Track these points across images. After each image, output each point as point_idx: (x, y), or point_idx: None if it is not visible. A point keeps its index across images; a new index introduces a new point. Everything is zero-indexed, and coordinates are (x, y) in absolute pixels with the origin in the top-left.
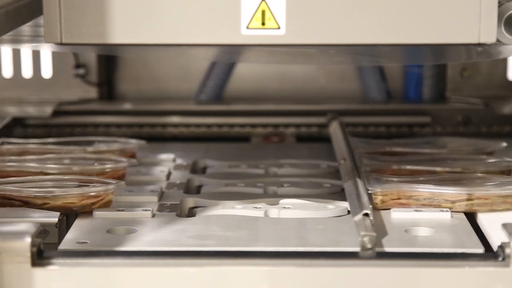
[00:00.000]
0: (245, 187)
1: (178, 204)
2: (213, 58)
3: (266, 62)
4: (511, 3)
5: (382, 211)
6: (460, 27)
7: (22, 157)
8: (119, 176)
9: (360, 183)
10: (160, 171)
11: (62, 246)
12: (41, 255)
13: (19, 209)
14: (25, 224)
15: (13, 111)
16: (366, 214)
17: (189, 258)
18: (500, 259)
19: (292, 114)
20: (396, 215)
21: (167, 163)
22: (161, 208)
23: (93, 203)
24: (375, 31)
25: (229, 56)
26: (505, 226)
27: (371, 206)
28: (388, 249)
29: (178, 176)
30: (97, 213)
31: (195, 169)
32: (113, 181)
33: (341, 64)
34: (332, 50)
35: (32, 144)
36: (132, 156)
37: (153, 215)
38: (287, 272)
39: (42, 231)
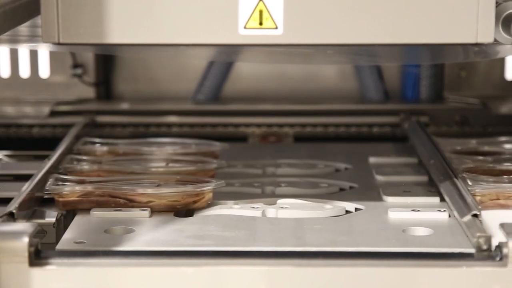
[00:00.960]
0: (243, 187)
1: None
2: (211, 58)
3: (263, 62)
4: (509, 3)
5: (378, 210)
6: (457, 27)
7: (117, 158)
8: (210, 177)
9: (459, 183)
10: None
11: (60, 246)
12: (38, 255)
13: None
14: (23, 224)
15: (10, 111)
16: (475, 215)
17: (187, 258)
18: (498, 259)
19: (290, 114)
20: (394, 215)
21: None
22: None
23: (194, 201)
24: (373, 31)
25: (226, 56)
26: (502, 226)
27: (480, 206)
28: (385, 249)
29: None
30: (95, 213)
31: None
32: (213, 180)
33: (339, 63)
34: (330, 50)
35: (109, 145)
36: (215, 157)
37: (151, 215)
38: (285, 272)
39: (40, 231)
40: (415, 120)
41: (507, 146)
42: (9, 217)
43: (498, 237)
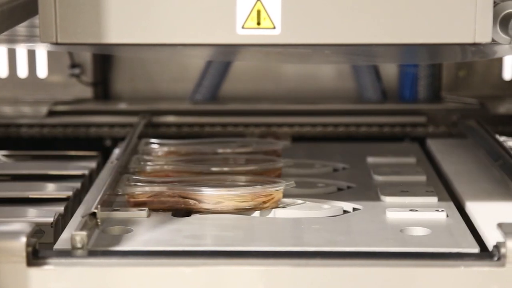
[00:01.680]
0: None
1: None
2: (209, 58)
3: (261, 61)
4: (507, 3)
5: (376, 210)
6: (455, 27)
7: (181, 158)
8: (276, 176)
9: None
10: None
11: (58, 245)
12: (36, 255)
13: (14, 209)
14: (21, 224)
15: (8, 111)
16: None
17: (185, 257)
18: (496, 258)
19: (289, 114)
20: (391, 215)
21: None
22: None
23: (264, 202)
24: (371, 31)
25: (224, 55)
26: (500, 225)
27: None
28: (383, 249)
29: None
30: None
31: None
32: (282, 180)
33: (337, 63)
34: (327, 50)
35: (170, 145)
36: (278, 155)
37: (149, 215)
38: (283, 272)
39: (38, 230)
40: (476, 119)
41: None
42: (91, 217)
43: (495, 237)
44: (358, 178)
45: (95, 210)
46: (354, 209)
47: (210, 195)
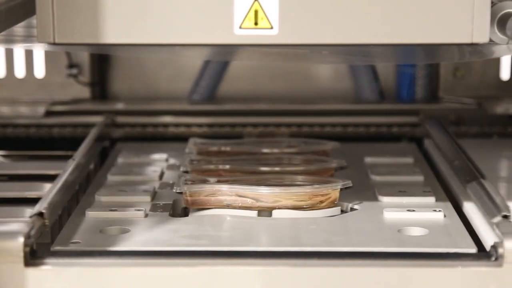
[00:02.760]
0: None
1: (171, 204)
2: (206, 58)
3: (259, 61)
4: (504, 3)
5: (374, 211)
6: (453, 27)
7: (233, 157)
8: (329, 176)
9: (487, 184)
10: (152, 171)
11: (55, 245)
12: (34, 255)
13: (12, 209)
14: (18, 224)
15: (6, 111)
16: (505, 216)
17: (183, 258)
18: (493, 259)
19: (286, 114)
20: (389, 215)
21: (159, 163)
22: (154, 208)
23: (321, 201)
24: (368, 31)
25: (222, 55)
26: (497, 225)
27: None
28: (381, 249)
29: (171, 176)
30: (90, 213)
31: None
32: (339, 180)
33: (334, 63)
34: (325, 51)
35: (218, 145)
36: (327, 155)
37: (146, 215)
38: (280, 272)
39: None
40: (436, 119)
41: None
42: (39, 217)
43: (492, 237)
44: (356, 178)
45: (43, 211)
46: (352, 209)
47: (268, 194)
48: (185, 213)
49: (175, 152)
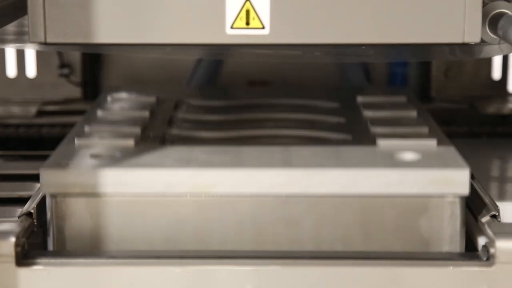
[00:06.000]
0: None
1: (161, 136)
2: (199, 56)
3: (251, 60)
4: (495, 3)
5: (367, 141)
6: (444, 27)
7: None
8: None
9: (476, 184)
10: (143, 107)
11: (45, 166)
12: (25, 255)
13: (3, 209)
14: (9, 224)
15: None
16: (494, 216)
17: (175, 257)
18: (485, 258)
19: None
20: (383, 143)
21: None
22: (144, 138)
23: None
24: (360, 31)
25: (214, 54)
26: (489, 225)
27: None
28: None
29: (161, 113)
30: (79, 142)
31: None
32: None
33: (326, 61)
34: (317, 52)
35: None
36: None
37: (136, 143)
38: (272, 272)
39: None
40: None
41: None
42: (27, 217)
43: (483, 237)
44: (348, 115)
45: (32, 210)
46: (345, 140)
47: None
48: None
49: (165, 94)
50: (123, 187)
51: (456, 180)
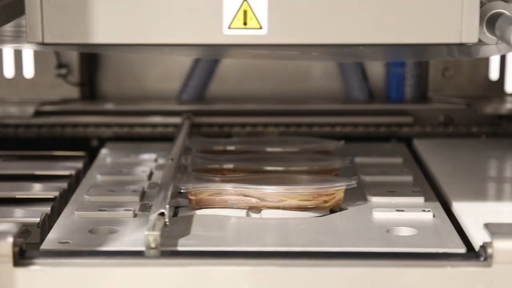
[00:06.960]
0: None
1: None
2: (196, 56)
3: (249, 58)
4: (493, 3)
5: (363, 210)
6: (442, 27)
7: (236, 156)
8: (334, 175)
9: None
10: (141, 171)
11: (44, 246)
12: (23, 255)
13: (0, 209)
14: (7, 224)
15: None
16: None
17: (172, 258)
18: (482, 259)
19: (275, 114)
20: (378, 215)
21: (148, 163)
22: (143, 208)
23: (325, 201)
24: (358, 31)
25: (211, 54)
26: (487, 225)
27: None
28: (369, 249)
29: (160, 176)
30: (79, 213)
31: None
32: (344, 179)
33: (324, 61)
34: (315, 52)
35: (221, 144)
36: (330, 155)
37: (135, 215)
38: (269, 272)
39: (24, 231)
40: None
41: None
42: (161, 217)
43: (481, 237)
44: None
45: (163, 210)
46: (341, 209)
47: (272, 194)
48: (174, 213)
49: (164, 152)
50: None
51: None
